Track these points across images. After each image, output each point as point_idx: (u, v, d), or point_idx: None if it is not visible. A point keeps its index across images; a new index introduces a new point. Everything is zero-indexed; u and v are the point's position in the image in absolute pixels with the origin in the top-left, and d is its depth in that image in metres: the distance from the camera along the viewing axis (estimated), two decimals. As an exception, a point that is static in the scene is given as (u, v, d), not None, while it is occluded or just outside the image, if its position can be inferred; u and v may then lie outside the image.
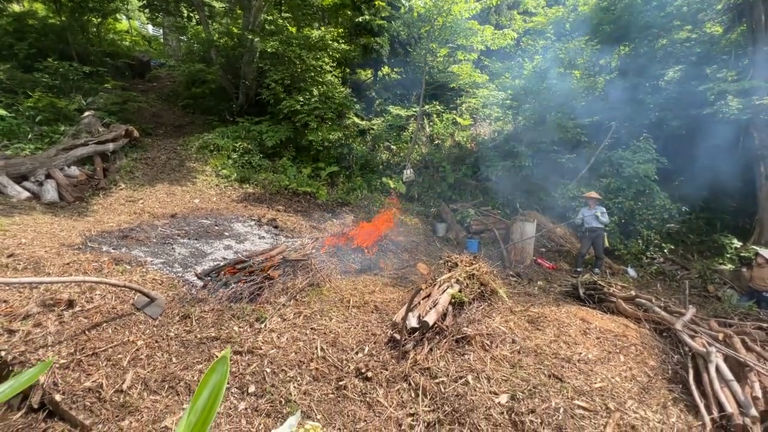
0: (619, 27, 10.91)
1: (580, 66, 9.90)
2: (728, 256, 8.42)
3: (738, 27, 9.88)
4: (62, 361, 2.98)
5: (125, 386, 2.92)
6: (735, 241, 8.60)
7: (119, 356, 3.16)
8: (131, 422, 2.71)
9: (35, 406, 2.72)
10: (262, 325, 3.77)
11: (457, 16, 9.27)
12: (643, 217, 8.44)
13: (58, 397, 2.74)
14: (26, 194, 6.54)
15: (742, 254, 8.24)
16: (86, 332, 3.28)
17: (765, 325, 4.26)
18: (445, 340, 3.60)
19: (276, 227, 7.23)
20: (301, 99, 9.91)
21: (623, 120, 10.08)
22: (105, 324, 3.42)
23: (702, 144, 8.86)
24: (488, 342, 3.63)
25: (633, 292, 4.86)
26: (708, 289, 7.33)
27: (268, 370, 3.25)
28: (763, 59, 8.48)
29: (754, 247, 7.95)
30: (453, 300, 4.09)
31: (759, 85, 8.06)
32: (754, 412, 2.81)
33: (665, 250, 8.35)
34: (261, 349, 3.47)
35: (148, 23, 18.99)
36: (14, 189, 6.49)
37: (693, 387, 3.16)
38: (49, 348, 3.06)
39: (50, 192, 6.74)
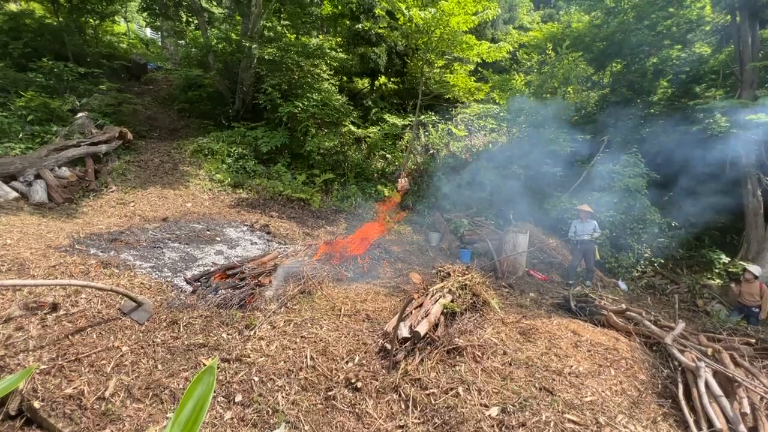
0: (611, 44, 11.19)
1: (573, 81, 10.10)
2: (717, 271, 8.53)
3: (726, 48, 10.19)
4: (43, 366, 2.90)
5: (107, 393, 2.84)
6: (723, 256, 8.73)
7: (103, 362, 3.08)
8: (112, 431, 2.63)
9: (12, 413, 2.64)
10: (251, 333, 3.71)
11: (454, 28, 9.40)
12: (634, 231, 8.54)
13: (36, 404, 2.65)
14: (14, 194, 6.43)
15: (730, 269, 8.36)
16: (69, 337, 3.20)
17: (753, 340, 4.30)
18: (436, 351, 3.57)
19: (269, 233, 7.17)
20: (299, 104, 9.94)
21: (615, 135, 10.26)
22: (89, 329, 3.34)
23: (691, 160, 9.03)
24: (479, 353, 3.61)
25: (623, 306, 4.88)
26: (697, 304, 7.40)
27: (256, 378, 3.19)
28: (750, 79, 8.72)
29: (742, 262, 8.07)
30: (445, 310, 4.07)
31: (746, 104, 8.26)
32: (742, 428, 2.81)
33: (655, 264, 8.43)
34: (249, 357, 3.40)
35: (146, 26, 18.98)
36: (2, 189, 6.37)
37: (683, 402, 3.16)
38: (31, 353, 2.97)
39: (39, 192, 6.63)
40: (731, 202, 9.02)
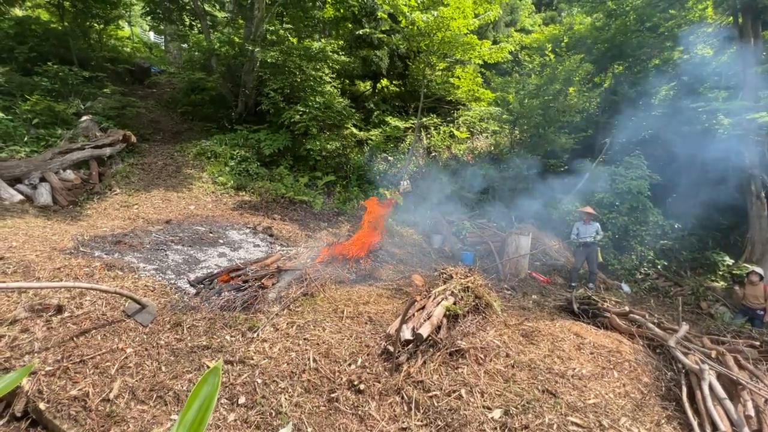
0: (613, 46, 11.19)
1: (576, 83, 10.11)
2: (720, 273, 8.48)
3: (728, 49, 10.16)
4: (48, 368, 2.92)
5: (112, 395, 2.86)
6: (727, 258, 8.68)
7: (107, 364, 3.10)
8: (117, 433, 2.65)
9: (18, 415, 2.66)
10: (255, 335, 3.72)
11: (455, 32, 9.44)
12: (637, 233, 8.51)
13: (42, 406, 2.67)
14: (19, 197, 6.48)
15: (734, 272, 8.31)
16: (74, 339, 3.22)
17: (757, 343, 4.28)
18: (438, 353, 3.57)
19: (271, 236, 7.20)
20: (300, 109, 9.98)
21: (617, 136, 10.25)
22: (94, 331, 3.36)
23: (694, 162, 9.00)
24: (482, 355, 3.61)
25: (627, 308, 4.87)
26: (701, 306, 7.36)
27: (259, 380, 3.20)
28: (753, 80, 8.70)
29: (746, 265, 8.03)
30: (447, 312, 4.07)
31: (749, 105, 8.24)
32: (746, 430, 2.80)
33: (658, 266, 8.39)
34: (252, 359, 3.42)
35: (149, 30, 19.13)
36: (7, 192, 6.43)
37: (686, 405, 3.15)
38: (36, 354, 3.00)
39: (44, 195, 6.69)
40: (735, 204, 8.98)
